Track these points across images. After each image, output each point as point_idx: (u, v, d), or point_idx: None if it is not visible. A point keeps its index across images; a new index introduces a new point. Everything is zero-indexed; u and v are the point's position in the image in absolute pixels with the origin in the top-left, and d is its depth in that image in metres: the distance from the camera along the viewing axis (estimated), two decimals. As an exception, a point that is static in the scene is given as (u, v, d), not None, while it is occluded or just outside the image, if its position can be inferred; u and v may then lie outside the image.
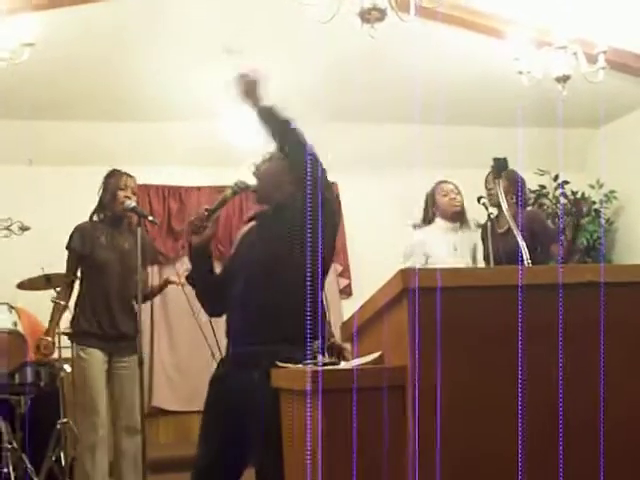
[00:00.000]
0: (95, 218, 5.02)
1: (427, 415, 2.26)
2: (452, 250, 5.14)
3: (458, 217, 5.25)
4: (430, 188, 5.32)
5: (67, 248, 4.97)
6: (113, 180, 4.99)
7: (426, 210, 5.31)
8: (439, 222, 5.22)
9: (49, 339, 4.96)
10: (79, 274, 5.03)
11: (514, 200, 5.07)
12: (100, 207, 5.01)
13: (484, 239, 5.16)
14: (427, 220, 5.29)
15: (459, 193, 5.26)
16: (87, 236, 4.90)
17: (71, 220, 4.99)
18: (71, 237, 4.95)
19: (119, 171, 5.04)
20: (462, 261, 5.13)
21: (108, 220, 4.98)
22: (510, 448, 2.28)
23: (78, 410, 4.81)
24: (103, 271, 4.87)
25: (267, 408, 3.01)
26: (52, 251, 4.99)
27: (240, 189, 3.47)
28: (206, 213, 3.40)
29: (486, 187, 5.14)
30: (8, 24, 5.08)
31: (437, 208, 5.25)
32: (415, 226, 5.30)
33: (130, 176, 5.03)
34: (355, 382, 2.28)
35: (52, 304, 5.07)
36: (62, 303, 4.98)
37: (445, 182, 5.30)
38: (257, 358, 3.17)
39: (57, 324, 5.02)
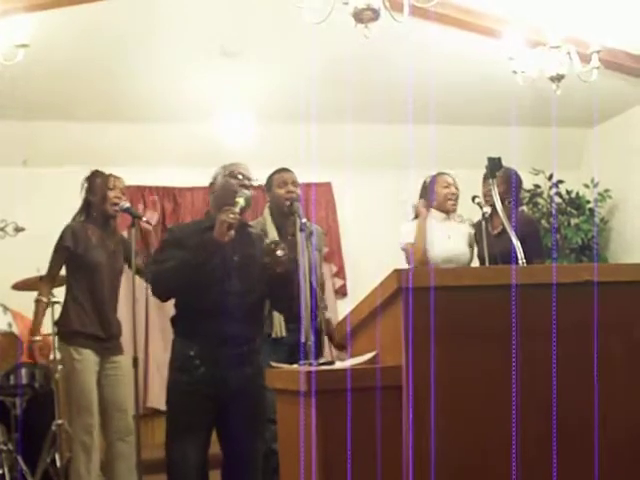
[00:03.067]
0: (81, 218, 4.91)
1: (422, 415, 2.26)
2: (446, 238, 5.12)
3: (454, 207, 5.23)
4: (429, 179, 5.27)
5: (57, 246, 4.83)
6: (100, 181, 4.91)
7: (424, 200, 5.27)
8: (433, 212, 5.19)
9: (39, 339, 4.82)
10: (65, 274, 4.95)
11: (511, 203, 5.04)
12: (86, 208, 4.91)
13: (478, 240, 5.14)
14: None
15: (457, 187, 5.25)
16: (79, 235, 4.82)
17: (66, 221, 4.95)
18: (62, 235, 4.82)
19: (103, 172, 4.97)
20: (456, 249, 5.12)
21: (96, 221, 4.90)
22: (505, 447, 2.28)
23: (72, 411, 4.77)
24: (95, 272, 4.82)
25: (266, 400, 3.73)
26: (47, 252, 4.95)
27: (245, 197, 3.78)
28: (237, 216, 3.61)
29: (483, 187, 5.11)
30: (2, 25, 5.07)
31: (436, 198, 5.20)
32: (412, 220, 5.26)
33: (117, 177, 4.99)
34: (349, 382, 2.28)
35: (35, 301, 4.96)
36: (45, 300, 4.87)
37: (446, 174, 5.26)
38: (249, 356, 3.77)
39: (41, 322, 4.88)
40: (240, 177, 3.85)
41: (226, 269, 3.70)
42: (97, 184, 4.90)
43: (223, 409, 3.72)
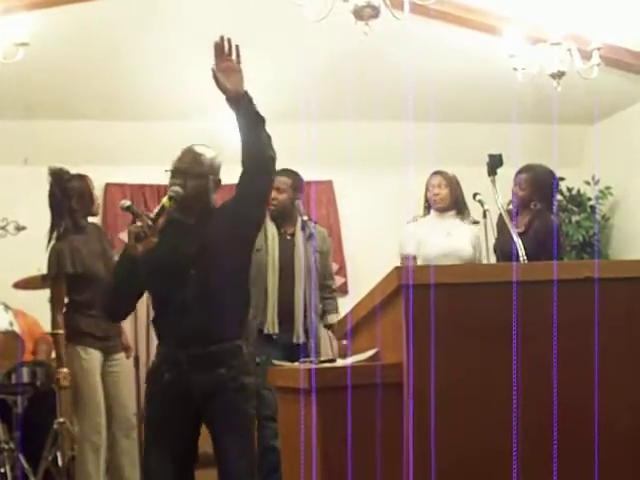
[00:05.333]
0: (63, 229, 4.79)
1: (423, 411, 2.26)
2: (445, 235, 5.14)
3: (443, 210, 5.24)
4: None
5: (55, 273, 4.72)
6: (82, 184, 4.85)
7: (424, 202, 5.33)
8: (432, 212, 5.26)
9: (66, 370, 4.70)
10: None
11: (537, 205, 5.02)
12: (69, 216, 4.80)
13: (499, 233, 5.15)
14: (426, 211, 5.31)
15: (447, 186, 5.24)
16: (73, 253, 4.73)
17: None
18: (59, 261, 4.72)
19: (68, 171, 4.84)
20: (456, 245, 5.12)
21: (77, 227, 4.83)
22: (505, 444, 2.28)
23: (79, 411, 4.77)
24: (94, 281, 4.79)
25: (240, 400, 3.34)
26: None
27: (177, 197, 3.43)
28: (150, 223, 3.25)
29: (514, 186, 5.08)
30: (1, 24, 5.07)
31: (427, 200, 5.28)
32: (409, 222, 5.30)
33: (85, 175, 4.92)
34: (349, 380, 2.28)
35: (50, 331, 4.87)
36: (62, 332, 4.73)
37: (434, 174, 5.29)
38: (220, 356, 3.34)
39: (64, 355, 4.75)
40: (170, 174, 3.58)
41: (179, 262, 3.37)
42: (80, 189, 4.82)
43: (199, 417, 3.42)
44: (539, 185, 5.02)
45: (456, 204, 5.27)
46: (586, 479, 2.34)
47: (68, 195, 4.81)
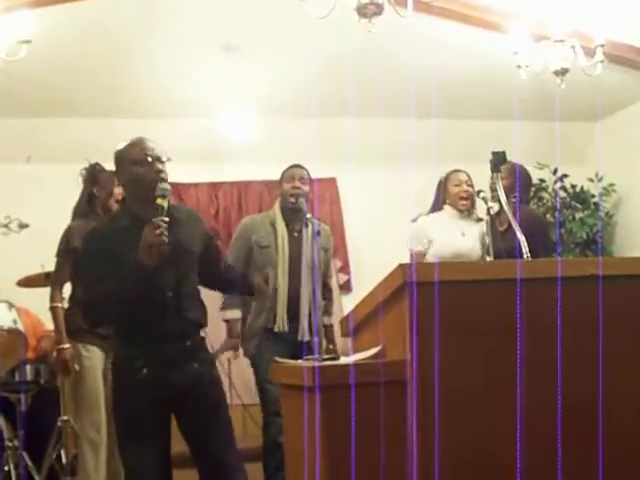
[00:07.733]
0: (82, 213, 4.83)
1: (426, 409, 2.26)
2: (460, 235, 5.10)
3: (466, 206, 5.20)
4: (443, 176, 5.26)
5: (64, 249, 4.73)
6: (107, 175, 4.88)
7: (437, 198, 5.26)
8: (448, 209, 5.17)
9: (68, 346, 4.67)
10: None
11: (515, 197, 5.04)
12: (89, 201, 4.85)
13: (486, 237, 5.13)
14: (437, 207, 5.24)
15: (471, 185, 5.22)
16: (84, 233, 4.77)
17: (70, 217, 4.95)
18: (68, 238, 4.72)
19: (104, 168, 4.91)
20: (469, 246, 5.10)
21: (96, 217, 4.85)
22: (509, 441, 2.28)
23: (79, 408, 4.77)
24: None
25: (217, 392, 3.47)
26: (51, 248, 4.94)
27: (168, 194, 3.44)
28: (166, 232, 3.22)
29: (490, 181, 5.09)
30: (4, 21, 5.06)
31: (448, 196, 5.18)
32: (413, 220, 5.27)
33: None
34: (353, 377, 2.27)
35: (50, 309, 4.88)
36: (60, 306, 4.72)
37: (459, 171, 5.23)
38: (193, 351, 3.41)
39: (63, 329, 4.72)
40: (150, 159, 3.45)
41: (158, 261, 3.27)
42: (105, 178, 4.85)
43: (175, 411, 3.41)
44: (519, 174, 5.05)
45: (473, 203, 5.25)
46: (591, 477, 2.34)
47: (93, 181, 4.86)
